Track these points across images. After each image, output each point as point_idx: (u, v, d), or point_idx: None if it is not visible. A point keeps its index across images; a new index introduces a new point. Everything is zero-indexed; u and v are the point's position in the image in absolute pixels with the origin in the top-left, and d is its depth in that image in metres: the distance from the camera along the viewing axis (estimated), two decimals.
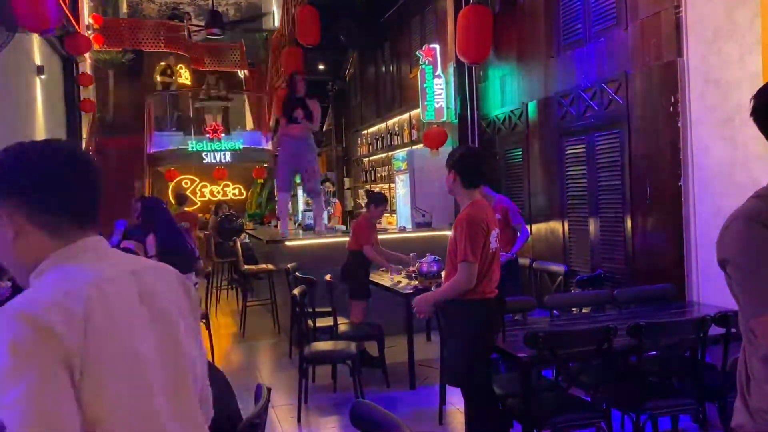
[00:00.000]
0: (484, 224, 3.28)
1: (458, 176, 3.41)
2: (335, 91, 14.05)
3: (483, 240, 3.26)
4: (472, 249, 3.23)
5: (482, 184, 3.51)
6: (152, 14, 21.27)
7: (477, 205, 3.38)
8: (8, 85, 7.96)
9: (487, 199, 4.21)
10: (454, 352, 3.44)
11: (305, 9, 9.18)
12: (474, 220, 3.30)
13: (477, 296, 3.31)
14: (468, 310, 3.33)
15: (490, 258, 3.32)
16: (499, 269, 3.45)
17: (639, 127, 4.84)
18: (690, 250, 4.38)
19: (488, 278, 3.33)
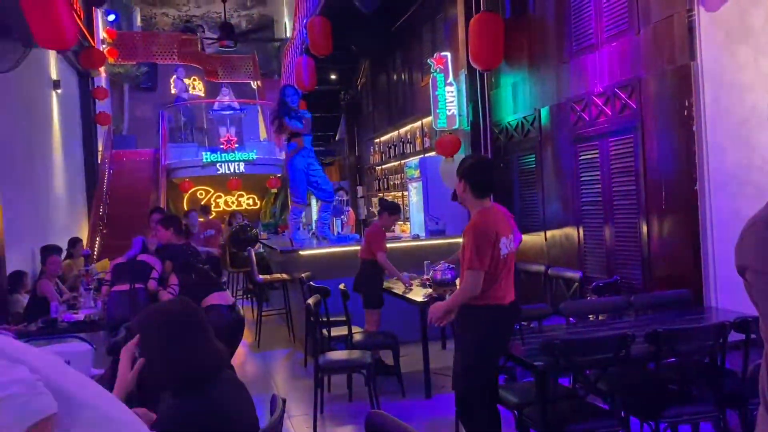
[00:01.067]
0: (491, 232, 3.27)
1: (468, 185, 3.41)
2: (348, 101, 14.11)
3: (489, 248, 3.25)
4: (478, 257, 3.23)
5: (492, 193, 3.50)
6: (166, 27, 21.53)
7: (485, 213, 3.38)
8: (25, 100, 8.08)
9: None
10: (458, 356, 3.44)
11: (317, 20, 9.24)
12: (480, 228, 3.30)
13: (487, 302, 3.30)
14: (476, 317, 3.33)
15: (500, 265, 3.30)
16: (512, 275, 3.43)
17: (653, 131, 4.81)
18: (707, 255, 4.33)
19: (498, 285, 3.32)
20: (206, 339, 1.97)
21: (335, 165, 16.18)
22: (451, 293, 4.98)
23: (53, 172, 9.45)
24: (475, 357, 3.32)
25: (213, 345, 1.99)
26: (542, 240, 6.38)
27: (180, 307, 2.01)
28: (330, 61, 10.92)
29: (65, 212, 10.07)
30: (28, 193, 7.98)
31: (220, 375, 1.95)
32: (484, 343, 3.31)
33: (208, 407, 1.84)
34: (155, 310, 2.02)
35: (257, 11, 22.68)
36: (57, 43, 5.54)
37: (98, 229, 11.54)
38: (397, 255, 6.36)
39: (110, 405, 1.44)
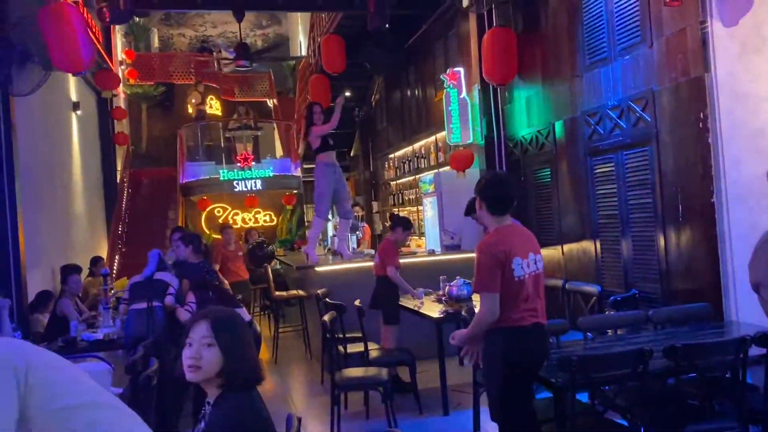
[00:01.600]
0: (500, 252, 3.11)
1: (484, 202, 3.29)
2: (362, 117, 14.19)
3: (498, 268, 3.10)
4: (486, 278, 3.11)
5: (510, 210, 3.33)
6: (183, 48, 21.85)
7: (499, 232, 3.24)
8: (46, 122, 8.23)
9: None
10: (490, 388, 3.27)
11: (330, 38, 9.32)
12: (486, 247, 3.18)
13: (502, 325, 3.14)
14: (497, 340, 3.16)
15: (516, 285, 3.13)
16: (538, 295, 3.25)
17: (668, 144, 4.78)
18: (726, 268, 4.28)
19: (515, 307, 3.14)
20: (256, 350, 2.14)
21: (350, 181, 16.24)
22: (467, 309, 4.97)
23: (73, 192, 9.59)
24: (506, 385, 3.15)
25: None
26: (559, 254, 6.34)
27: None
28: (344, 79, 10.98)
29: (85, 231, 10.21)
30: (49, 213, 8.10)
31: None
32: (512, 367, 3.13)
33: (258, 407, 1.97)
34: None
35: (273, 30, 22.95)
36: (72, 65, 5.64)
37: (117, 247, 11.67)
38: (413, 270, 6.36)
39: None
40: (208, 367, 1.93)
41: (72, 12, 5.58)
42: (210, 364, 1.93)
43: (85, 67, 5.79)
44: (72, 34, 5.47)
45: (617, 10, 5.28)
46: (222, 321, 2.01)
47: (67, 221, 9.12)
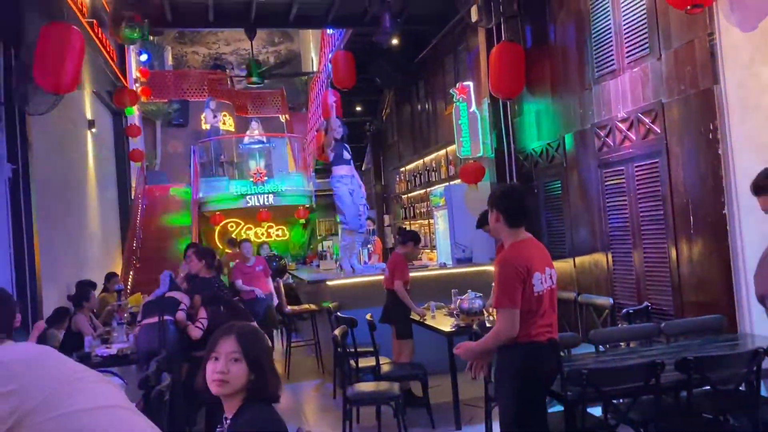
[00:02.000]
0: (521, 267, 3.04)
1: (500, 214, 3.20)
2: (373, 131, 14.27)
3: (520, 284, 3.03)
4: (506, 294, 3.03)
5: (525, 222, 3.27)
6: (196, 65, 22.14)
7: (519, 246, 3.16)
8: (62, 139, 8.36)
9: None
10: (503, 404, 3.21)
11: (341, 54, 9.42)
12: (508, 263, 3.09)
13: (522, 340, 3.07)
14: (512, 355, 3.10)
15: (534, 303, 3.07)
16: (553, 310, 3.20)
17: (678, 155, 4.77)
18: (739, 279, 4.24)
19: (532, 323, 3.09)
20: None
21: None
22: (479, 323, 4.96)
23: (88, 209, 9.71)
24: (521, 401, 3.09)
25: None
26: (571, 267, 6.32)
27: None
28: (355, 93, 11.09)
29: (100, 247, 10.31)
30: (64, 229, 8.20)
31: None
32: (527, 383, 3.07)
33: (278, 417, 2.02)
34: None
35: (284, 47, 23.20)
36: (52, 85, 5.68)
37: (131, 263, 11.76)
38: (424, 283, 6.37)
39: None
40: (236, 381, 1.97)
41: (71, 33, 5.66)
42: (237, 378, 1.97)
43: (66, 90, 5.84)
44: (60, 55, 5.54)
45: (625, 23, 5.30)
46: (248, 336, 2.05)
47: (82, 237, 9.22)
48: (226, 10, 8.87)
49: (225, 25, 10.91)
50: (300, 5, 8.69)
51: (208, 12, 8.67)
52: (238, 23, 9.51)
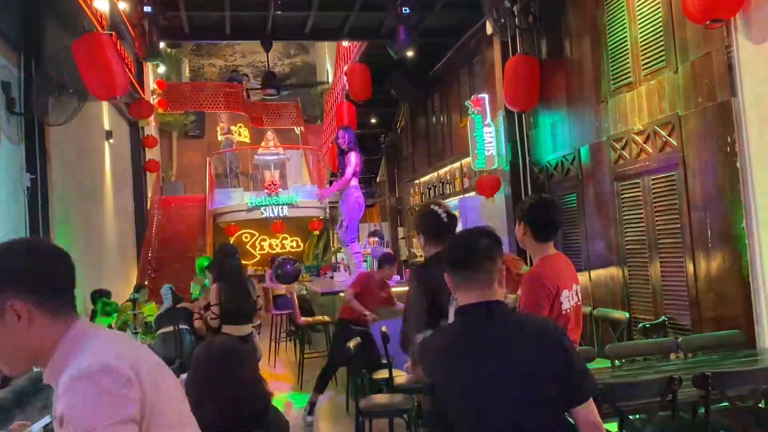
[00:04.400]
0: (551, 286, 2.91)
1: (528, 229, 3.02)
2: (388, 143, 14.30)
3: (548, 304, 2.90)
4: (534, 312, 2.88)
5: (555, 237, 3.15)
6: (213, 77, 22.36)
7: (548, 262, 3.03)
8: (80, 150, 8.47)
9: None
10: None
11: (356, 66, 9.48)
12: (538, 281, 2.95)
13: None
14: None
15: (563, 319, 2.95)
16: (578, 327, 3.12)
17: (695, 168, 4.73)
18: (758, 294, 4.18)
19: None
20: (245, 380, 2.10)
21: (376, 206, 16.31)
22: None
23: (105, 219, 9.80)
24: None
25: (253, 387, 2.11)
26: (586, 280, 6.26)
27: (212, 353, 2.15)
28: (370, 105, 11.14)
29: (116, 257, 10.40)
30: (82, 238, 8.28)
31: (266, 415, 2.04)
32: None
33: None
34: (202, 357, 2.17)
35: (300, 59, 23.38)
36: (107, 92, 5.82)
37: (147, 273, 11.85)
38: None
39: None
40: None
41: (105, 41, 5.78)
42: None
43: (121, 93, 5.98)
44: (106, 62, 5.66)
45: (641, 36, 5.28)
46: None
47: (99, 247, 9.30)
48: (242, 23, 8.96)
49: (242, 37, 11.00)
50: (316, 18, 8.75)
51: (225, 25, 8.77)
52: (254, 36, 9.60)
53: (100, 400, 1.23)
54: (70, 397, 1.24)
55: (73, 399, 1.24)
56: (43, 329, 1.35)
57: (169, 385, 1.41)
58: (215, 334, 5.10)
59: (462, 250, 2.12)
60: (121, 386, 1.26)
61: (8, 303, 1.32)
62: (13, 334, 1.33)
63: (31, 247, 1.42)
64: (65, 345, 1.36)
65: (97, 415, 1.22)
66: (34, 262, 1.38)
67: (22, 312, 1.33)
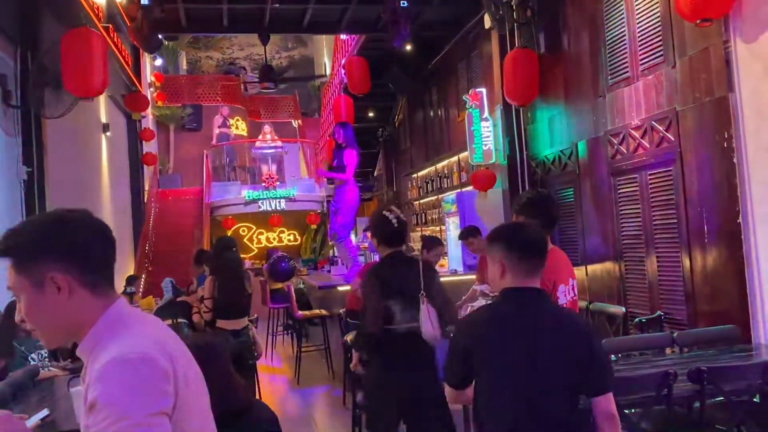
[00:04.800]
0: (548, 281, 2.88)
1: (529, 221, 3.03)
2: (385, 137, 14.29)
3: None
4: None
5: (553, 230, 3.19)
6: (210, 70, 22.28)
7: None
8: (77, 143, 8.45)
9: None
10: None
11: (354, 59, 9.45)
12: None
13: None
14: None
15: None
16: None
17: (692, 164, 4.73)
18: (754, 289, 4.19)
19: None
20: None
21: (374, 200, 16.31)
22: None
23: (102, 212, 9.79)
24: None
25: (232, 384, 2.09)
26: (583, 275, 6.27)
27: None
28: (368, 99, 11.13)
29: None
30: None
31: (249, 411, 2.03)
32: None
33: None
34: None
35: (298, 52, 23.30)
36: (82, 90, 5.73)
37: (144, 266, 11.84)
38: None
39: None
40: None
41: (93, 38, 5.72)
42: None
43: (95, 94, 5.89)
44: (88, 60, 5.59)
45: (639, 31, 5.27)
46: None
47: None
48: (240, 15, 8.93)
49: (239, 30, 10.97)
50: (314, 11, 8.73)
51: (222, 17, 8.74)
52: (252, 28, 9.58)
53: (139, 390, 1.22)
54: (108, 383, 1.22)
55: (111, 385, 1.21)
56: (82, 304, 1.33)
57: (197, 382, 1.40)
58: (211, 327, 5.10)
59: (540, 243, 2.35)
60: (159, 378, 1.25)
61: (49, 275, 1.30)
62: (51, 306, 1.31)
63: (75, 218, 1.38)
64: (103, 323, 1.33)
65: (135, 404, 1.20)
66: (77, 234, 1.35)
67: (62, 284, 1.30)
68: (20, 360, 4.50)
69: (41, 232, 1.33)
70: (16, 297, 1.35)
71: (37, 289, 1.31)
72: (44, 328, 1.36)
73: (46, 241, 1.32)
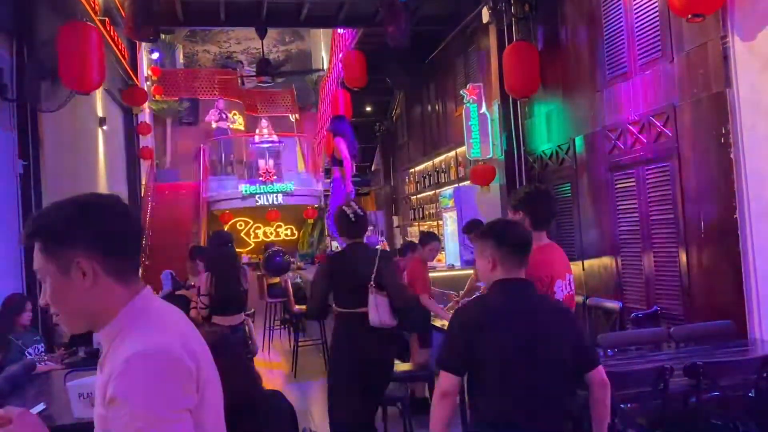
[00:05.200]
0: (545, 276, 2.97)
1: (527, 217, 3.07)
2: (383, 131, 14.27)
3: (542, 292, 2.91)
4: None
5: (550, 225, 3.23)
6: (207, 63, 22.20)
7: (542, 251, 3.06)
8: (74, 137, 8.41)
9: None
10: None
11: (352, 53, 9.42)
12: (532, 269, 2.87)
13: None
14: None
15: None
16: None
17: (689, 159, 4.74)
18: (750, 285, 4.20)
19: None
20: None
21: (371, 195, 16.30)
22: None
23: None
24: None
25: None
26: (580, 270, 6.28)
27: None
28: (365, 94, 11.10)
29: None
30: None
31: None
32: None
33: None
34: None
35: (295, 46, 23.23)
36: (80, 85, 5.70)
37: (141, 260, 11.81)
38: (432, 284, 6.34)
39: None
40: None
41: (90, 32, 5.69)
42: None
43: (93, 88, 5.86)
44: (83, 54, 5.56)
45: (637, 26, 5.26)
46: None
47: None
48: (237, 9, 8.89)
49: (236, 24, 10.93)
50: (311, 5, 8.69)
51: (219, 11, 8.69)
52: (249, 22, 9.54)
53: (163, 387, 1.20)
54: (131, 378, 1.20)
55: (134, 381, 1.20)
56: (107, 291, 1.31)
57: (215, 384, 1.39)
58: (207, 323, 5.09)
59: (527, 239, 2.57)
60: (183, 376, 1.24)
61: (75, 260, 1.28)
62: (76, 292, 1.30)
63: (105, 204, 1.37)
64: (128, 312, 1.32)
65: (158, 402, 1.19)
66: (106, 221, 1.33)
67: (88, 270, 1.29)
68: (17, 354, 4.50)
69: (70, 217, 1.32)
70: (41, 280, 1.33)
71: (63, 274, 1.29)
72: (67, 313, 1.34)
73: (75, 226, 1.30)
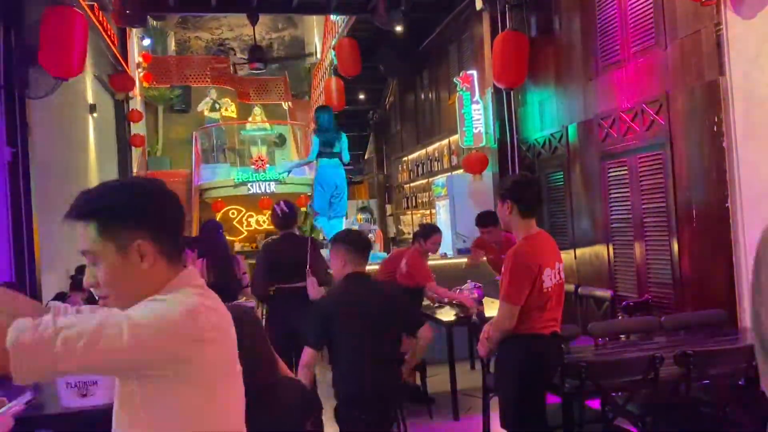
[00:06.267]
0: (534, 264, 3.02)
1: (515, 205, 3.13)
2: (376, 120, 14.21)
3: (529, 282, 3.01)
4: (514, 289, 3.01)
5: (537, 213, 3.27)
6: (199, 50, 22.01)
7: (532, 240, 3.12)
8: (63, 124, 8.32)
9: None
10: (504, 395, 3.22)
11: (345, 41, 9.35)
12: (521, 258, 3.05)
13: (524, 332, 3.06)
14: (515, 348, 3.09)
15: (542, 297, 3.06)
16: (559, 305, 3.20)
17: (682, 147, 4.72)
18: (740, 274, 4.21)
19: (540, 316, 3.08)
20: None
21: (364, 183, 16.25)
22: (477, 313, 4.97)
23: None
24: (521, 393, 3.09)
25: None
26: (571, 258, 6.29)
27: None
28: (358, 81, 11.03)
29: None
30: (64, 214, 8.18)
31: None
32: (529, 375, 3.06)
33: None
34: None
35: (288, 33, 23.06)
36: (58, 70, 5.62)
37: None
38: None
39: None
40: None
41: (73, 16, 5.61)
42: None
43: (73, 74, 5.79)
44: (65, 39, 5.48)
45: (631, 13, 5.23)
46: None
47: None
48: None
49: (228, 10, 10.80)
50: None
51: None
52: (240, 8, 9.42)
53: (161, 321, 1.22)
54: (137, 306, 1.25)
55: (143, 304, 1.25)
56: (159, 273, 1.33)
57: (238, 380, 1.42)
58: None
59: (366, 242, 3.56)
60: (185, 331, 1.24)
61: (136, 242, 1.30)
62: (133, 273, 1.31)
63: (158, 189, 1.39)
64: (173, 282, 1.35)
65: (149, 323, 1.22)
66: (162, 204, 1.37)
67: (147, 252, 1.31)
68: None
69: (131, 198, 1.34)
70: (89, 261, 1.34)
71: (121, 255, 1.30)
72: (120, 293, 1.34)
73: (138, 208, 1.32)
